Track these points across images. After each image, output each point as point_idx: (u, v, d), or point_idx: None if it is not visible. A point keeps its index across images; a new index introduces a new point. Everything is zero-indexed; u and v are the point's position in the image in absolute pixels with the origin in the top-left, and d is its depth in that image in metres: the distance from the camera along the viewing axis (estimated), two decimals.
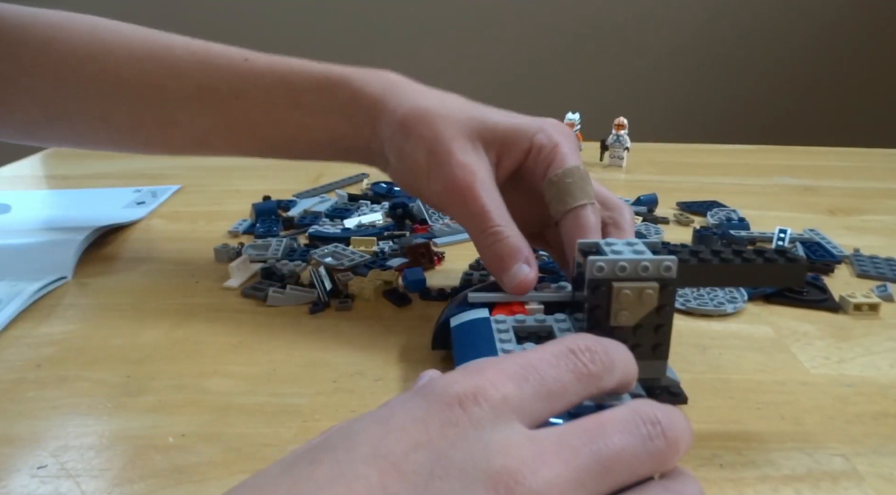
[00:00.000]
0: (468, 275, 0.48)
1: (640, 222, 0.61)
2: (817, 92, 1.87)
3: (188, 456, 0.29)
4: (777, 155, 0.94)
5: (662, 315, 0.30)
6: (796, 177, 0.81)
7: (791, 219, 0.64)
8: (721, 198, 0.69)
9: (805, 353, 0.38)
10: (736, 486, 0.27)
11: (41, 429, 0.31)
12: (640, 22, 1.81)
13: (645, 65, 1.85)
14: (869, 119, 1.89)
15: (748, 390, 0.35)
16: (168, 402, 0.33)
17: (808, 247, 0.54)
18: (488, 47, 1.84)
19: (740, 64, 1.85)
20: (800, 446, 0.30)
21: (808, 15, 1.79)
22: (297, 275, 0.48)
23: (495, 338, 0.32)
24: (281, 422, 0.31)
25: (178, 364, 0.37)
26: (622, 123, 0.84)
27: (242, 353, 0.38)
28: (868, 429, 0.31)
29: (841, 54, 1.83)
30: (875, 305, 0.43)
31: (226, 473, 0.28)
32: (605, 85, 1.86)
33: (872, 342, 0.40)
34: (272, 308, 0.44)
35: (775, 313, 0.43)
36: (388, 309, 0.44)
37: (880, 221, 0.64)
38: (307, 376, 0.36)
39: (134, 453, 0.29)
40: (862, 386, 0.35)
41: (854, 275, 0.50)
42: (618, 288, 0.29)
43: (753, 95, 1.87)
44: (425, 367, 0.36)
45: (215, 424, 0.31)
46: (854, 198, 0.72)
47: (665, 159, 0.90)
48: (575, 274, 0.33)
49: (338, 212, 0.63)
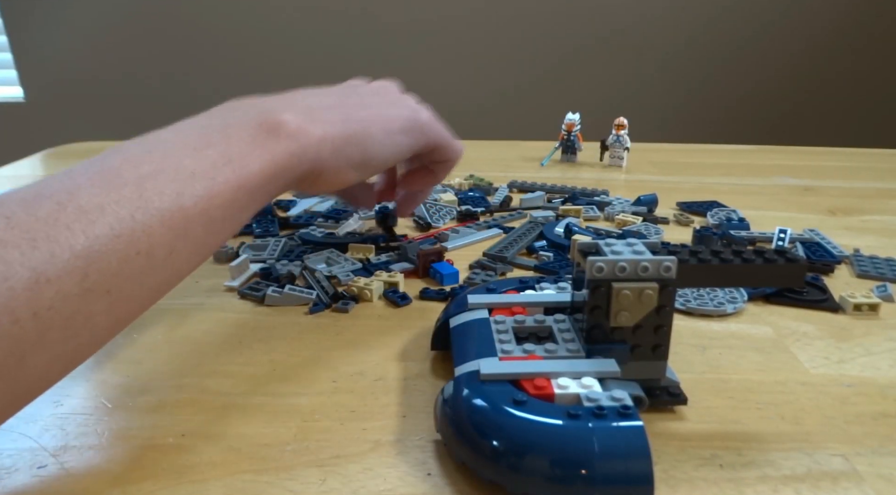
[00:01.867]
0: (469, 277, 0.48)
1: (641, 222, 0.61)
2: (817, 92, 1.87)
3: (188, 456, 0.29)
4: (777, 155, 0.94)
5: (662, 315, 0.30)
6: (796, 177, 0.81)
7: (791, 219, 0.64)
8: (721, 198, 0.69)
9: (805, 353, 0.38)
10: (736, 486, 0.27)
11: (41, 429, 0.31)
12: (641, 22, 1.81)
13: (645, 65, 1.85)
14: (869, 119, 1.89)
15: (748, 390, 0.35)
16: (168, 402, 0.33)
17: (808, 247, 0.54)
18: (489, 48, 1.84)
19: (740, 64, 1.85)
20: (800, 446, 0.30)
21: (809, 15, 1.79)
22: (293, 275, 0.48)
23: (494, 339, 0.32)
24: (281, 422, 0.31)
25: (178, 364, 0.37)
26: (622, 123, 0.84)
27: (242, 353, 0.38)
28: (868, 430, 0.31)
29: (841, 54, 1.83)
30: (875, 305, 0.43)
31: (226, 473, 0.28)
32: (605, 85, 1.86)
33: (872, 342, 0.40)
34: (272, 308, 0.44)
35: (775, 313, 0.43)
36: (388, 309, 0.44)
37: (880, 221, 0.64)
38: (307, 376, 0.36)
39: (134, 453, 0.29)
40: (862, 387, 0.35)
41: (854, 275, 0.50)
42: (617, 288, 0.29)
43: (753, 96, 1.87)
44: (425, 367, 0.37)
45: (215, 424, 0.31)
46: (854, 198, 0.72)
47: (665, 159, 0.90)
48: (574, 274, 0.33)
49: (336, 213, 0.63)
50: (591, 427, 0.25)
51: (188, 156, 0.31)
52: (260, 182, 0.33)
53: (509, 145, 0.98)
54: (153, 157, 0.30)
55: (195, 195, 0.30)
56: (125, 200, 0.27)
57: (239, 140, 0.33)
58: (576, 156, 0.88)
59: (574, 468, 0.25)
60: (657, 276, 0.30)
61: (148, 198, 0.28)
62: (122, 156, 0.29)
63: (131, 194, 0.28)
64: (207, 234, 0.31)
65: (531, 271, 0.50)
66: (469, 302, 0.36)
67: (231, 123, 0.34)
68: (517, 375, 0.29)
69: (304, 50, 1.82)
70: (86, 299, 0.25)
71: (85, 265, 0.25)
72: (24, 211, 0.25)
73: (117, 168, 0.29)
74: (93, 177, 0.28)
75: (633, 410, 0.26)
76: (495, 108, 1.89)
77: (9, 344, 0.23)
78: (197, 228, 0.30)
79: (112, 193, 0.27)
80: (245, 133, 0.33)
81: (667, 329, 0.31)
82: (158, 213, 0.28)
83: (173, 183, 0.29)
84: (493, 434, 0.26)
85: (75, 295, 0.25)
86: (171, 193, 0.29)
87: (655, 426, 0.31)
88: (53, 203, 0.25)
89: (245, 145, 0.33)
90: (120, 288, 0.27)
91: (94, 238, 0.25)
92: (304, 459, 0.29)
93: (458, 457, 0.28)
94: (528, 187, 0.73)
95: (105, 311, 0.27)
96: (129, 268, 0.27)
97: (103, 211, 0.26)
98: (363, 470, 0.28)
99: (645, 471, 0.25)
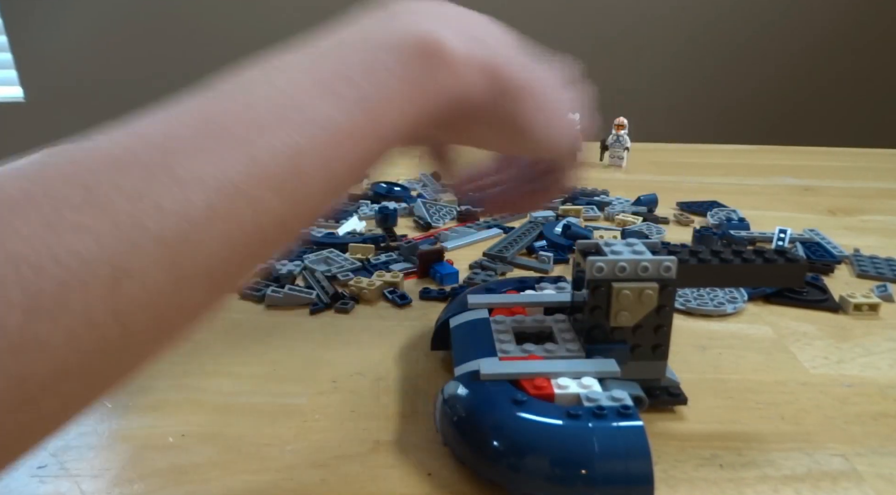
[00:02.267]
0: (469, 277, 0.48)
1: (641, 222, 0.61)
2: (817, 92, 1.87)
3: (188, 456, 0.29)
4: (777, 155, 0.94)
5: (662, 315, 0.30)
6: (796, 177, 0.81)
7: (791, 219, 0.64)
8: (721, 198, 0.69)
9: (805, 353, 0.38)
10: (736, 486, 0.27)
11: None
12: (641, 22, 1.81)
13: (645, 65, 1.85)
14: (869, 119, 1.89)
15: (748, 390, 0.35)
16: (168, 402, 0.33)
17: (808, 247, 0.54)
18: None
19: (741, 64, 1.84)
20: (799, 446, 0.30)
21: (809, 15, 1.79)
22: (294, 275, 0.48)
23: (494, 339, 0.32)
24: (281, 422, 0.31)
25: (178, 364, 0.37)
26: (622, 123, 0.84)
27: (242, 353, 0.38)
28: (867, 429, 0.31)
29: (841, 54, 1.83)
30: (875, 305, 0.43)
31: (226, 473, 0.28)
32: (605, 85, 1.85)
33: (872, 342, 0.40)
34: (272, 308, 0.44)
35: (775, 313, 0.43)
36: (388, 309, 0.44)
37: (880, 221, 0.64)
38: (307, 376, 0.36)
39: (134, 453, 0.29)
40: (861, 387, 0.35)
41: (854, 275, 0.50)
42: (617, 288, 0.29)
43: (753, 96, 1.87)
44: (425, 367, 0.37)
45: (215, 424, 0.31)
46: (854, 198, 0.72)
47: (665, 159, 0.90)
48: (574, 274, 0.33)
49: (336, 213, 0.63)
50: (591, 427, 0.25)
51: (317, 96, 0.24)
52: (405, 133, 0.26)
53: None
54: (271, 100, 0.23)
55: (316, 153, 0.23)
56: (231, 166, 0.21)
57: (385, 73, 0.25)
58: None
59: (574, 468, 0.24)
60: (657, 276, 0.29)
61: (260, 160, 0.22)
62: (233, 96, 0.23)
63: (241, 157, 0.22)
64: (325, 194, 0.25)
65: (531, 271, 0.50)
66: (469, 302, 0.36)
67: (380, 47, 0.25)
68: (517, 375, 0.29)
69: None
70: (178, 288, 0.20)
71: (173, 254, 0.20)
72: (108, 181, 0.19)
73: (224, 117, 0.22)
74: (196, 129, 0.22)
75: (633, 410, 0.26)
76: None
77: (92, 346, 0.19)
78: (315, 193, 0.24)
79: (216, 156, 0.21)
80: (393, 62, 0.25)
81: (667, 329, 0.31)
82: (267, 180, 0.22)
83: (292, 136, 0.23)
84: (493, 434, 0.26)
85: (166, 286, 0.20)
86: (288, 153, 0.23)
87: (655, 426, 0.31)
88: (144, 169, 0.20)
89: (393, 82, 0.25)
90: (218, 269, 0.22)
91: (188, 220, 0.20)
92: (304, 459, 0.29)
93: (459, 457, 0.28)
94: None
95: (202, 297, 0.22)
96: (229, 248, 0.22)
97: (203, 183, 0.21)
98: (363, 470, 0.28)
99: (645, 471, 0.25)
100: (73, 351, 0.18)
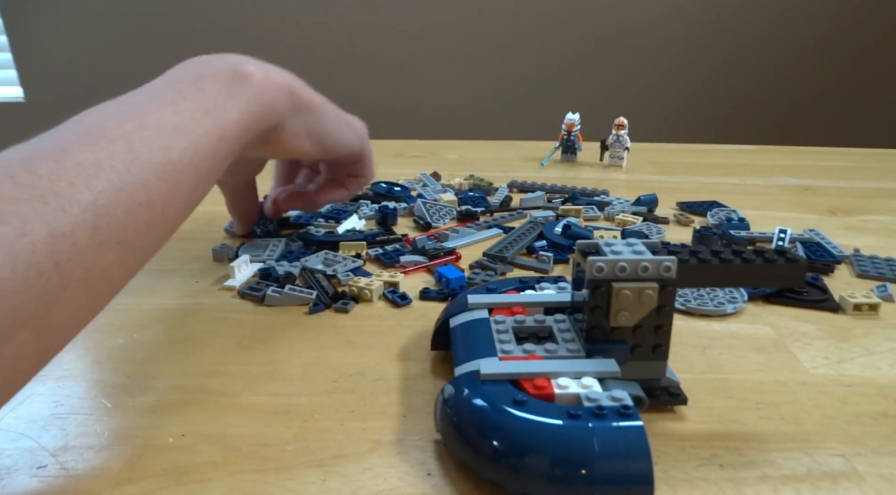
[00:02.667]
0: (469, 277, 0.48)
1: (641, 222, 0.61)
2: (817, 92, 1.87)
3: (188, 456, 0.29)
4: (777, 155, 0.94)
5: (662, 315, 0.30)
6: (796, 177, 0.81)
7: (791, 219, 0.64)
8: (721, 198, 0.69)
9: (805, 353, 0.38)
10: (736, 486, 0.27)
11: (41, 429, 0.31)
12: (641, 23, 1.81)
13: (645, 65, 1.85)
14: (869, 119, 1.89)
15: (748, 390, 0.35)
16: (168, 402, 0.33)
17: (808, 247, 0.54)
18: (489, 49, 1.84)
19: (740, 64, 1.85)
20: (799, 446, 0.30)
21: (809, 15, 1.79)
22: (293, 276, 0.48)
23: (495, 339, 0.32)
24: (281, 422, 0.31)
25: (178, 364, 0.37)
26: (622, 123, 0.84)
27: (242, 353, 0.38)
28: (868, 429, 0.31)
29: (841, 54, 1.83)
30: (875, 305, 0.43)
31: (226, 473, 0.28)
32: (605, 85, 1.86)
33: (872, 342, 0.40)
34: (272, 308, 0.44)
35: (775, 313, 0.43)
36: (388, 309, 0.44)
37: (880, 221, 0.64)
38: (307, 376, 0.36)
39: (134, 453, 0.29)
40: (861, 387, 0.35)
41: (854, 275, 0.50)
42: (617, 288, 0.29)
43: (753, 96, 1.87)
44: (425, 367, 0.37)
45: (215, 424, 0.31)
46: (854, 198, 0.72)
47: (665, 159, 0.90)
48: (574, 274, 0.33)
49: (336, 213, 0.63)
50: (591, 427, 0.25)
51: (168, 112, 0.31)
52: (237, 132, 0.35)
53: (509, 145, 0.98)
54: (133, 115, 0.30)
55: (181, 147, 0.31)
56: (118, 156, 0.28)
57: (212, 92, 0.34)
58: (576, 156, 0.88)
59: (574, 468, 0.25)
60: (657, 276, 0.29)
61: (138, 152, 0.29)
62: (101, 115, 0.30)
63: (122, 149, 0.28)
64: (196, 186, 0.32)
65: (531, 271, 0.50)
66: (469, 302, 0.36)
67: (202, 76, 0.35)
68: (517, 375, 0.29)
69: (305, 51, 1.82)
70: (100, 251, 0.26)
71: (94, 218, 0.26)
72: (25, 170, 0.25)
73: (101, 126, 0.29)
74: (80, 135, 0.28)
75: (633, 410, 0.26)
76: (495, 108, 1.89)
77: (38, 295, 0.24)
78: (187, 180, 0.31)
79: (103, 149, 0.27)
80: (217, 85, 0.34)
81: (667, 329, 0.31)
82: (151, 167, 0.29)
83: (159, 137, 0.30)
84: (493, 434, 0.26)
85: (90, 247, 0.26)
86: (159, 147, 0.30)
87: (655, 426, 0.31)
88: (51, 161, 0.26)
89: (219, 96, 0.34)
90: (128, 239, 0.28)
91: (97, 192, 0.26)
92: (304, 459, 0.29)
93: (458, 457, 0.28)
94: (528, 187, 0.73)
95: (118, 262, 0.27)
96: (133, 219, 0.28)
97: (100, 166, 0.27)
98: (363, 470, 0.28)
99: (645, 471, 0.25)
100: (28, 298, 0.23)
